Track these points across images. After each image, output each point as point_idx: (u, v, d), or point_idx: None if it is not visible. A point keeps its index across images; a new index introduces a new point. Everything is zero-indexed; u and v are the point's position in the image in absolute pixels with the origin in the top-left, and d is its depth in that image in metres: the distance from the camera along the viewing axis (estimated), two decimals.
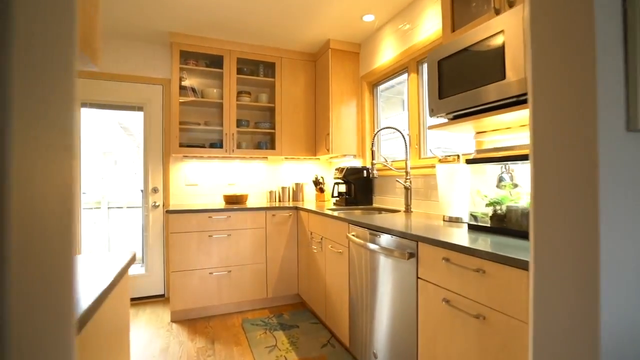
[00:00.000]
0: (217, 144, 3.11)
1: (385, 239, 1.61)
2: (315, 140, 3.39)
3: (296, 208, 2.98)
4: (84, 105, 2.98)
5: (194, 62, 3.01)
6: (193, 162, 3.24)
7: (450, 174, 1.74)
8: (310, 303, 2.69)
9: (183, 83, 2.98)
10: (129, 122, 3.24)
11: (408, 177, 2.30)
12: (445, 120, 1.62)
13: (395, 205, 2.59)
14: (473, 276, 1.12)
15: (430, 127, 1.72)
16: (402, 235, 1.47)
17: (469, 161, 1.48)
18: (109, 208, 3.48)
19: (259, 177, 3.48)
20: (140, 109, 3.12)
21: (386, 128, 2.34)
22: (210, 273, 2.71)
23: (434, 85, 1.59)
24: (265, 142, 3.35)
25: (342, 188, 3.15)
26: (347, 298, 2.01)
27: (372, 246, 1.65)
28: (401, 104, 2.94)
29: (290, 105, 3.29)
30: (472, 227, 1.46)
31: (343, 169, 2.84)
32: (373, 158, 2.37)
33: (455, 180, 1.73)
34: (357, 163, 3.20)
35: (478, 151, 1.80)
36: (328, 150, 3.05)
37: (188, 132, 3.21)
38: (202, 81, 3.25)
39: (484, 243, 1.17)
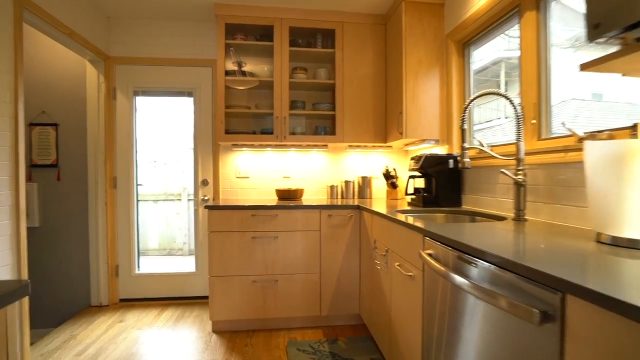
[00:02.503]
0: (268, 130, 2.70)
1: (485, 271, 0.92)
2: (386, 123, 2.73)
3: (358, 207, 2.38)
4: (136, 93, 2.86)
5: (242, 36, 2.63)
6: (244, 152, 2.89)
7: (618, 160, 0.94)
8: (373, 329, 2.09)
9: (229, 61, 2.63)
10: (180, 108, 3.05)
11: (521, 168, 1.50)
12: (617, 49, 0.83)
13: (497, 208, 1.79)
14: None
15: (588, 66, 0.94)
16: (528, 274, 0.76)
17: None
18: (164, 200, 3.38)
19: (318, 169, 2.97)
20: (190, 94, 2.88)
21: (486, 94, 1.56)
22: (253, 281, 2.30)
23: None
24: (324, 127, 2.81)
25: (419, 183, 2.43)
26: (419, 340, 1.35)
27: (459, 280, 0.97)
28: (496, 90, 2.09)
29: (354, 81, 2.69)
30: None
31: (420, 157, 2.13)
32: (464, 141, 1.62)
33: (628, 171, 0.93)
34: (440, 151, 2.44)
35: None
36: (401, 134, 2.36)
37: (237, 118, 2.87)
38: (253, 59, 2.86)
39: None
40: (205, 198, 2.87)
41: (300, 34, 2.77)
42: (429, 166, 2.09)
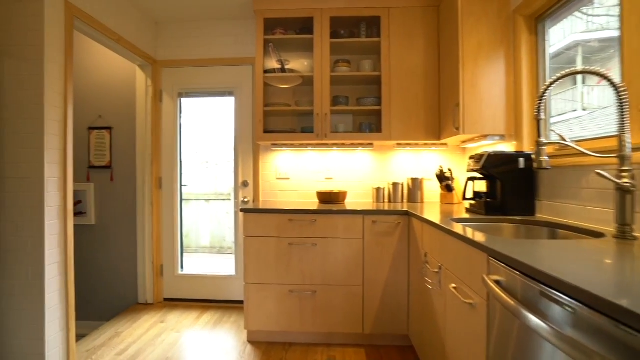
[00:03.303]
0: (309, 129, 2.54)
1: (576, 316, 0.63)
2: (440, 118, 2.40)
3: (406, 213, 2.11)
4: (181, 95, 2.88)
5: (281, 30, 2.50)
6: (284, 152, 2.76)
7: None
8: (423, 357, 1.80)
9: (269, 58, 2.52)
10: (222, 108, 3.02)
11: (626, 168, 1.13)
12: None
13: (586, 219, 1.41)
14: None
15: None
16: None
17: None
18: (215, 200, 3.42)
19: (363, 169, 2.73)
20: (230, 93, 2.84)
21: (576, 73, 1.19)
22: (290, 291, 2.15)
23: None
24: (370, 124, 2.57)
25: (480, 186, 2.08)
26: None
27: (535, 323, 0.69)
28: (570, 81, 1.69)
29: (402, 71, 2.41)
30: None
31: (482, 155, 1.80)
32: (539, 135, 1.28)
33: None
34: (506, 148, 2.06)
35: None
36: (458, 129, 2.03)
37: (277, 117, 2.76)
38: (292, 54, 2.72)
39: None
40: (245, 200, 2.79)
41: (342, 24, 2.56)
42: (493, 166, 1.75)
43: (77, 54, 2.85)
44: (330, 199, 2.47)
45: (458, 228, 1.33)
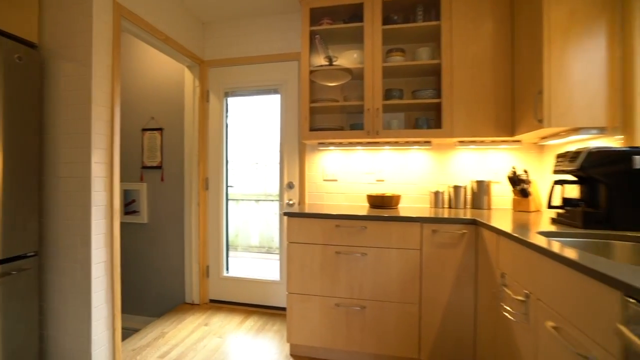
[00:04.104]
0: (358, 126, 2.31)
1: None
2: (514, 110, 2.03)
3: (474, 222, 1.79)
4: (227, 94, 2.83)
5: (328, 20, 2.32)
6: (331, 151, 2.57)
7: None
8: None
9: (315, 52, 2.34)
10: (267, 108, 2.92)
11: None
12: None
13: None
14: None
15: None
16: None
17: None
18: (264, 200, 3.38)
19: (418, 171, 2.44)
20: (276, 91, 2.72)
21: None
22: (336, 304, 1.94)
23: None
24: (427, 120, 2.28)
25: (571, 191, 1.69)
26: None
27: None
28: None
29: (467, 58, 2.09)
30: None
31: (577, 153, 1.43)
32: None
33: None
34: (605, 144, 1.64)
35: None
36: (541, 122, 1.67)
37: (324, 114, 2.57)
38: (340, 46, 2.52)
39: None
40: (291, 202, 2.65)
41: (395, 8, 2.30)
42: (594, 166, 1.37)
43: (130, 59, 2.95)
44: (381, 203, 2.23)
45: (555, 247, 1.02)
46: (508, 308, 1.31)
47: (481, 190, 2.25)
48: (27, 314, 1.72)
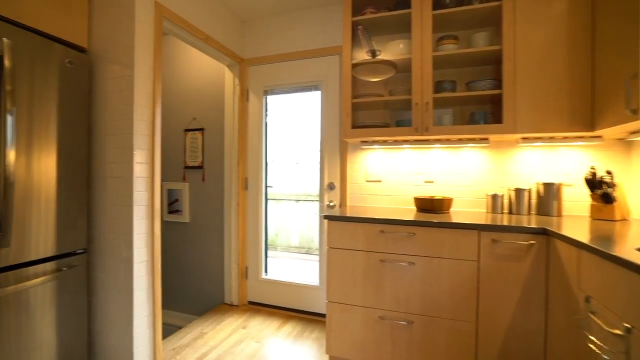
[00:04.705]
0: (405, 122, 2.13)
1: None
2: (593, 100, 1.73)
3: (545, 232, 1.53)
4: (266, 92, 2.77)
5: (371, 9, 2.15)
6: (375, 150, 2.40)
7: None
8: None
9: (358, 46, 2.19)
10: (307, 106, 2.82)
11: None
12: None
13: None
14: None
15: None
16: None
17: None
18: (305, 200, 3.33)
19: (473, 171, 2.19)
20: (316, 87, 2.60)
21: None
22: (380, 317, 1.78)
23: None
24: (484, 114, 2.03)
25: None
26: None
27: None
28: None
29: (533, 42, 1.81)
30: None
31: None
32: None
33: None
34: None
35: None
36: (634, 112, 1.37)
37: (368, 110, 2.41)
38: (385, 37, 2.34)
39: None
40: (331, 204, 2.52)
41: None
42: None
43: (173, 61, 3.00)
44: (431, 207, 2.02)
45: None
46: (596, 340, 1.07)
47: (550, 193, 1.96)
48: (77, 308, 1.77)
